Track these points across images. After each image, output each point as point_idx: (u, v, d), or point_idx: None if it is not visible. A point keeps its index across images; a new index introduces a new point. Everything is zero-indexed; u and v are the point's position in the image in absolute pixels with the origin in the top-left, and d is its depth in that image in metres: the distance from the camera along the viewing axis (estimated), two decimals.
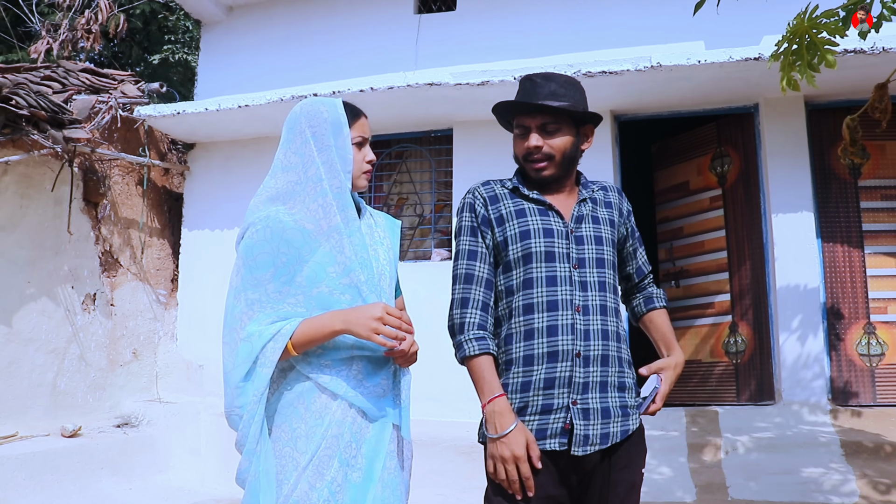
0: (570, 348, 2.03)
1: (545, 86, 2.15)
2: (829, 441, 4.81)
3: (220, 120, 6.14)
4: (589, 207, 2.20)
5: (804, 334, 5.31)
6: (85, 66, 6.42)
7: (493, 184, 2.22)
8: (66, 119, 5.27)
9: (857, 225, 5.43)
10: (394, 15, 6.56)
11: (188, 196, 6.79)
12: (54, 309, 5.53)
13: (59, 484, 4.83)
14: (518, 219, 2.12)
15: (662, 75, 5.17)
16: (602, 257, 2.14)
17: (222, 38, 7.12)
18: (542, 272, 2.07)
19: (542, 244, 2.09)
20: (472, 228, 2.17)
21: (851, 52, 4.77)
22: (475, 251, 2.15)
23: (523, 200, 2.16)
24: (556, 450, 1.99)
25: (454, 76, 5.41)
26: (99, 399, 5.87)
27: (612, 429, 2.03)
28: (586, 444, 1.99)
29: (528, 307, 2.07)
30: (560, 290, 2.06)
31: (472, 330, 2.07)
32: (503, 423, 1.95)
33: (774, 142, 5.51)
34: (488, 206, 2.16)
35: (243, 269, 2.02)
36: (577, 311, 2.05)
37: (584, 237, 2.13)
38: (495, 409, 1.97)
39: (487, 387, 2.01)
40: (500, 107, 2.21)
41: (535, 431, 2.01)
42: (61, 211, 5.60)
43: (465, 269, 2.14)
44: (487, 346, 2.05)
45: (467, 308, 2.09)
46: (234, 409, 1.93)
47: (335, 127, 2.08)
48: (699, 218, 6.02)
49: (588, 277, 2.10)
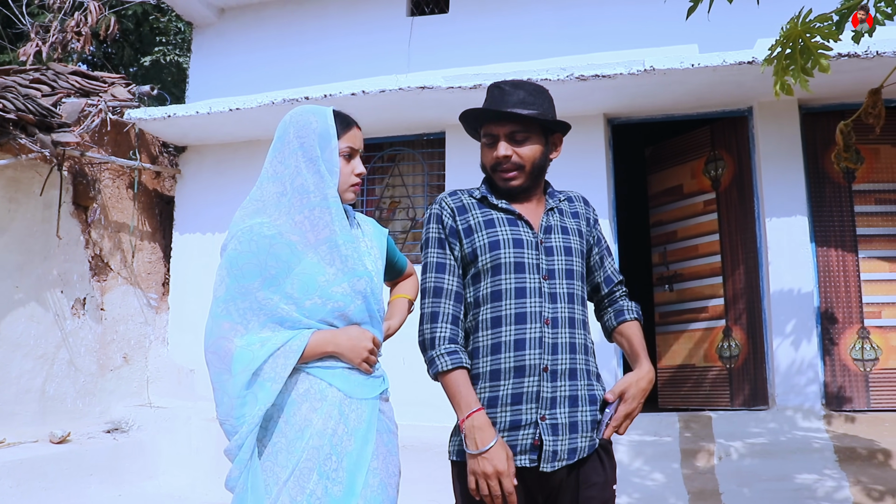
0: (537, 363, 2.00)
1: (514, 93, 2.12)
2: (822, 447, 4.78)
3: (211, 123, 6.09)
4: (557, 217, 2.17)
5: (798, 339, 5.29)
6: (75, 69, 6.36)
7: (461, 194, 2.19)
8: (54, 123, 5.22)
9: (851, 229, 5.41)
10: (386, 17, 6.52)
11: (179, 199, 6.74)
12: (43, 314, 5.48)
13: (47, 491, 4.78)
14: (487, 229, 2.08)
15: (655, 79, 5.14)
16: (571, 268, 2.11)
17: (214, 40, 7.07)
18: (512, 283, 2.04)
19: (512, 255, 2.05)
20: (439, 240, 2.12)
21: (845, 56, 4.76)
22: (443, 264, 2.10)
23: (492, 210, 2.13)
24: (526, 466, 1.96)
25: (446, 79, 5.38)
26: (89, 404, 5.83)
27: (580, 443, 2.01)
28: (555, 459, 1.97)
29: (496, 320, 2.03)
30: (529, 301, 2.03)
31: (443, 344, 2.03)
32: (484, 439, 1.91)
33: (768, 145, 5.49)
34: (456, 217, 2.12)
35: (228, 278, 2.00)
36: (545, 324, 2.02)
37: (553, 248, 2.10)
38: (475, 424, 1.93)
39: (464, 402, 1.97)
40: (468, 114, 2.17)
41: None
42: (50, 215, 5.55)
43: (434, 282, 2.09)
44: (461, 360, 2.01)
45: (437, 322, 2.05)
46: (233, 417, 1.90)
47: (323, 137, 2.07)
48: (693, 222, 5.99)
49: (557, 289, 2.07)
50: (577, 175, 5.70)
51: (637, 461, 4.99)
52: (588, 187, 5.68)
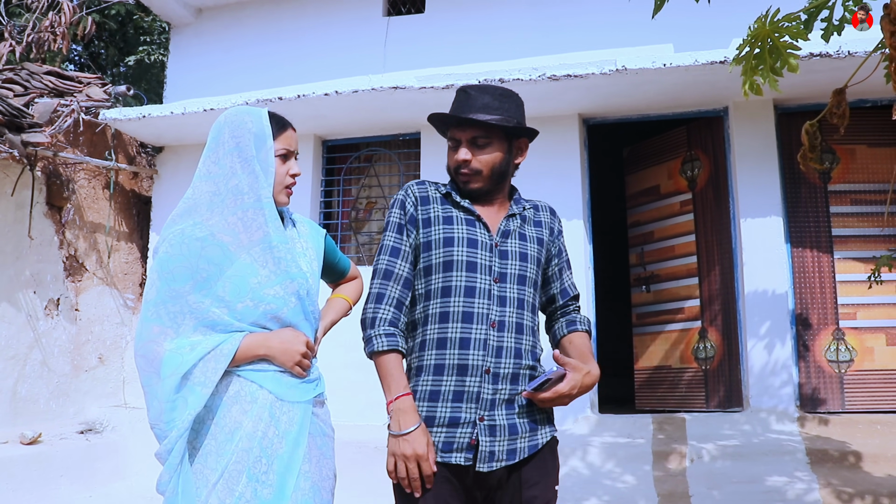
0: (480, 363, 2.01)
1: (479, 98, 2.13)
2: (794, 449, 4.75)
3: (186, 123, 6.07)
4: (517, 223, 2.18)
5: (772, 340, 5.27)
6: (50, 69, 6.33)
7: (428, 185, 2.21)
8: (25, 123, 5.20)
9: (826, 229, 5.38)
10: (362, 17, 6.50)
11: (156, 200, 6.72)
12: (15, 314, 5.46)
13: (15, 493, 4.75)
14: (444, 224, 2.11)
15: (628, 79, 5.12)
16: (524, 274, 2.12)
17: (192, 40, 7.05)
18: (462, 281, 2.06)
19: (465, 253, 2.08)
20: (399, 226, 2.15)
21: (817, 55, 4.74)
22: (398, 248, 2.13)
23: (453, 207, 2.15)
24: (462, 464, 1.97)
25: (419, 80, 5.36)
26: (63, 405, 5.80)
27: (519, 444, 2.02)
28: (492, 460, 1.97)
29: (444, 315, 2.05)
30: (477, 301, 2.05)
31: (382, 325, 2.04)
32: (406, 422, 1.94)
33: (743, 145, 5.47)
34: (418, 207, 2.14)
35: (159, 282, 1.98)
36: (491, 327, 2.04)
37: (508, 252, 2.12)
38: (400, 406, 1.95)
39: (394, 384, 1.99)
40: (433, 118, 2.20)
41: (442, 444, 1.98)
42: (22, 215, 5.53)
43: (386, 265, 2.11)
44: (396, 344, 2.03)
45: (381, 303, 2.07)
46: (162, 422, 1.89)
47: (259, 138, 2.05)
48: (670, 222, 5.97)
49: (507, 293, 2.08)
50: (551, 175, 5.69)
51: (609, 463, 4.96)
52: (563, 187, 5.66)
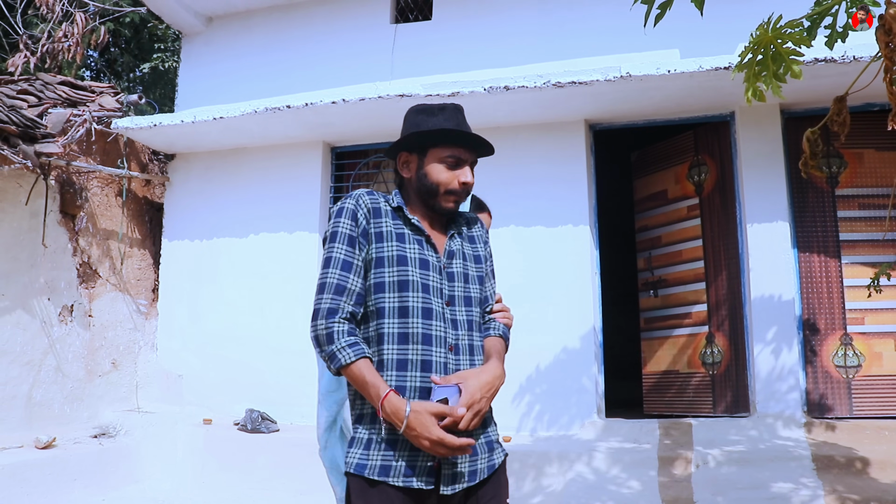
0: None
1: (465, 120, 2.16)
2: (800, 455, 4.74)
3: (197, 131, 6.15)
4: (458, 243, 2.18)
5: (779, 346, 5.26)
6: (64, 79, 6.44)
7: (378, 196, 2.12)
8: (38, 133, 5.30)
9: (833, 234, 5.36)
10: (370, 25, 6.56)
11: (168, 206, 6.81)
12: (30, 321, 5.56)
13: (29, 496, 4.85)
14: (397, 241, 2.05)
15: (633, 85, 5.14)
16: (469, 295, 2.12)
17: (202, 48, 7.13)
18: (419, 302, 2.02)
19: (419, 274, 2.04)
20: (350, 238, 2.04)
21: (822, 61, 4.73)
22: (350, 263, 2.03)
23: (403, 224, 2.10)
24: (424, 488, 1.95)
25: (424, 87, 5.40)
26: (76, 410, 5.90)
27: (479, 465, 2.03)
28: (455, 482, 1.98)
29: (403, 336, 2.00)
30: (434, 324, 2.02)
31: (343, 338, 1.96)
32: (398, 415, 1.89)
33: (750, 150, 5.46)
34: (370, 219, 2.06)
35: None
36: (449, 350, 2.03)
37: (454, 273, 2.11)
38: (388, 408, 1.90)
39: (374, 390, 1.92)
40: (453, 135, 2.09)
41: (404, 469, 1.95)
42: (37, 224, 5.63)
43: (338, 279, 2.01)
44: (363, 351, 1.95)
45: (335, 318, 1.98)
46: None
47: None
48: (677, 227, 5.97)
49: (458, 315, 2.08)
50: (558, 180, 5.72)
51: (615, 468, 4.97)
52: (569, 193, 5.69)
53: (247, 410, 5.82)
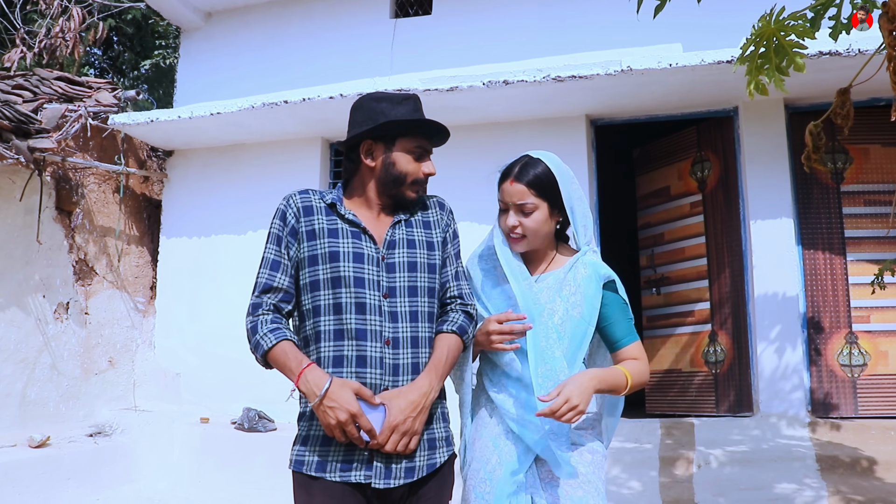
0: (377, 382, 1.98)
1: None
2: (804, 455, 4.66)
3: (194, 127, 6.10)
4: (403, 231, 2.12)
5: (783, 344, 5.17)
6: (60, 75, 6.39)
7: (311, 195, 2.13)
8: (32, 129, 5.24)
9: (839, 231, 5.27)
10: (370, 19, 6.49)
11: (167, 203, 6.76)
12: (24, 318, 5.51)
13: (21, 496, 4.80)
14: (329, 237, 2.05)
15: (634, 79, 5.05)
16: (415, 285, 2.07)
17: (201, 44, 7.08)
18: (352, 298, 2.00)
19: (352, 269, 2.01)
20: (278, 238, 2.08)
21: (826, 54, 4.64)
22: (278, 262, 2.06)
23: (338, 219, 2.09)
24: (361, 482, 1.95)
25: (423, 82, 5.33)
26: (72, 408, 5.85)
27: (417, 463, 2.00)
28: (389, 477, 1.95)
29: (339, 333, 2.00)
30: (369, 318, 2.00)
31: (265, 326, 1.99)
32: (319, 384, 1.89)
33: (754, 146, 5.37)
34: (300, 218, 2.08)
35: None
36: (386, 344, 1.99)
37: (395, 264, 2.06)
38: (308, 377, 1.91)
39: (295, 362, 1.94)
40: (426, 124, 2.10)
41: (341, 463, 1.96)
42: (31, 220, 5.58)
43: (266, 278, 2.05)
44: (285, 334, 1.98)
45: (258, 312, 2.02)
46: None
47: None
48: (680, 224, 5.89)
49: (399, 307, 2.03)
50: None
51: (615, 468, 4.90)
52: None
53: (244, 409, 5.76)
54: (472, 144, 5.83)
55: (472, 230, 5.82)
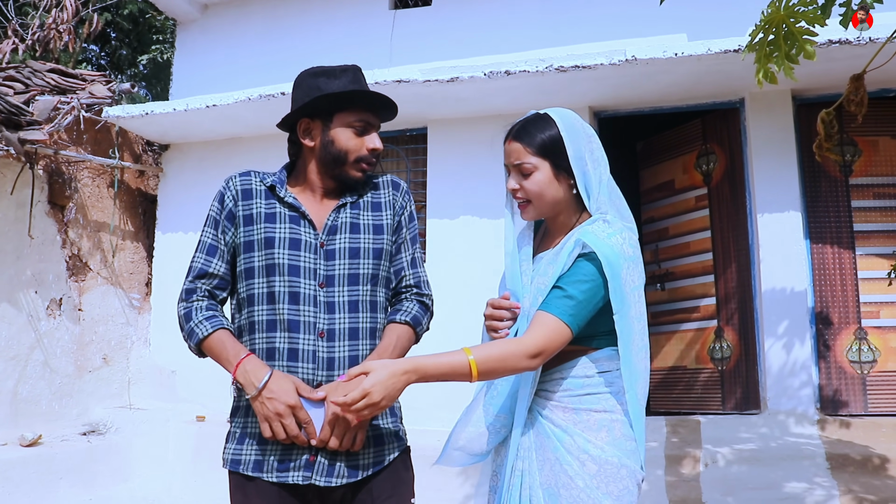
0: (310, 377, 1.85)
1: (366, 82, 2.01)
2: (814, 453, 4.56)
3: (190, 121, 5.99)
4: (348, 214, 1.97)
5: (791, 340, 5.06)
6: (53, 67, 6.28)
7: (253, 176, 2.02)
8: (23, 120, 5.13)
9: (847, 225, 5.16)
10: (369, 11, 6.38)
11: (162, 198, 6.65)
12: (15, 314, 5.39)
13: (12, 495, 4.68)
14: (266, 223, 1.93)
15: (638, 69, 4.95)
16: (356, 272, 1.92)
17: (197, 36, 6.97)
18: (286, 287, 1.88)
19: (287, 256, 1.89)
20: (215, 221, 1.99)
21: (836, 42, 4.53)
22: (215, 247, 1.97)
23: (277, 203, 1.97)
24: (300, 483, 1.82)
25: (423, 73, 5.22)
26: (65, 406, 5.73)
27: (362, 461, 1.86)
28: (331, 475, 1.82)
29: (272, 323, 1.88)
30: (303, 309, 1.87)
31: (200, 313, 1.90)
32: (258, 374, 1.79)
33: (760, 138, 5.26)
34: (238, 201, 1.97)
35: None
36: (319, 337, 1.86)
37: (335, 251, 1.93)
38: (247, 367, 1.81)
39: (232, 353, 1.85)
40: (366, 97, 1.95)
41: (278, 462, 1.83)
42: (23, 214, 5.46)
43: (202, 263, 1.96)
44: (221, 322, 1.90)
45: (192, 298, 1.94)
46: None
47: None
48: (684, 218, 5.78)
49: (336, 297, 1.90)
50: None
51: None
52: None
53: None
54: (473, 137, 5.73)
55: (471, 224, 5.75)
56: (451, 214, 5.77)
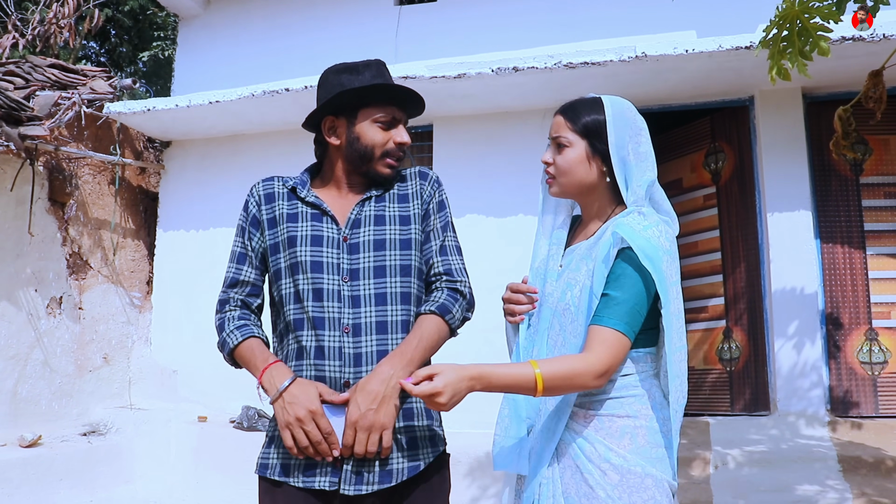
0: (337, 376, 1.79)
1: (391, 76, 1.98)
2: (825, 455, 4.50)
3: (193, 117, 5.91)
4: (372, 207, 1.93)
5: (801, 340, 5.00)
6: (54, 62, 6.20)
7: (275, 181, 2.01)
8: (23, 116, 5.05)
9: (858, 224, 5.10)
10: (374, 7, 6.32)
11: (164, 196, 6.57)
12: (15, 313, 5.32)
13: (11, 497, 4.61)
14: (289, 223, 1.92)
15: (648, 66, 4.88)
16: (382, 265, 1.87)
17: (200, 32, 6.90)
18: (310, 284, 1.84)
19: (309, 253, 1.86)
20: (242, 229, 1.99)
21: (850, 39, 4.48)
22: (244, 254, 1.97)
23: (299, 203, 1.95)
24: (326, 489, 1.76)
25: (430, 69, 5.15)
26: (65, 406, 5.66)
27: (395, 465, 1.79)
28: (361, 482, 1.75)
29: (300, 322, 1.85)
30: (327, 305, 1.83)
31: (232, 323, 1.90)
32: (281, 379, 1.75)
33: (770, 136, 5.20)
34: (262, 206, 1.97)
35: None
36: (344, 332, 1.81)
37: (359, 244, 1.88)
38: (273, 373, 1.78)
39: (261, 359, 1.82)
40: (389, 90, 1.91)
41: (304, 468, 1.78)
42: (23, 211, 5.39)
43: (233, 272, 1.97)
44: (252, 331, 1.89)
45: (225, 308, 1.94)
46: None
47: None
48: (692, 217, 5.72)
49: (362, 291, 1.84)
50: None
51: None
52: None
53: (243, 408, 5.58)
54: (481, 134, 5.67)
55: (480, 222, 5.68)
56: (457, 213, 5.66)
